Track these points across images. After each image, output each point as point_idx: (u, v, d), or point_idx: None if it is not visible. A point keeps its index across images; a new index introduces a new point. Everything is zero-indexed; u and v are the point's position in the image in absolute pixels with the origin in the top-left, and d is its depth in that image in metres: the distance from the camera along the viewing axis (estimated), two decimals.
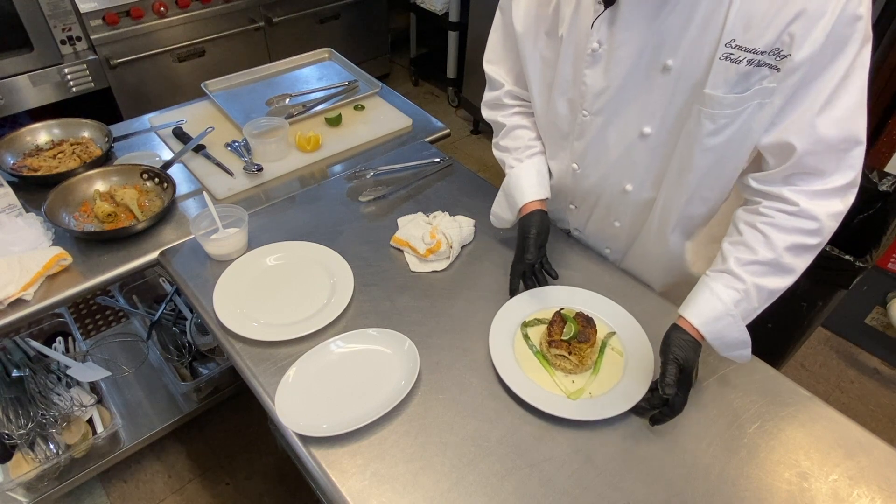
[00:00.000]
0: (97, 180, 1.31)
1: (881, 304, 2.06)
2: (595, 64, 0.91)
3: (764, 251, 0.87)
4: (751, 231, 0.89)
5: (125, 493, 1.70)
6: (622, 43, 0.87)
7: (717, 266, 0.92)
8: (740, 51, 0.78)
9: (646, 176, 1.00)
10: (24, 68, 2.04)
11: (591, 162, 1.04)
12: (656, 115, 0.91)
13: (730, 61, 0.80)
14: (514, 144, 1.14)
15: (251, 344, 1.01)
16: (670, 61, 0.84)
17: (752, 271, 0.88)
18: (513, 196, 1.12)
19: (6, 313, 1.07)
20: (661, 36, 0.83)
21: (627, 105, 0.93)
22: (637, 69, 0.88)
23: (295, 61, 1.82)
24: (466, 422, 0.90)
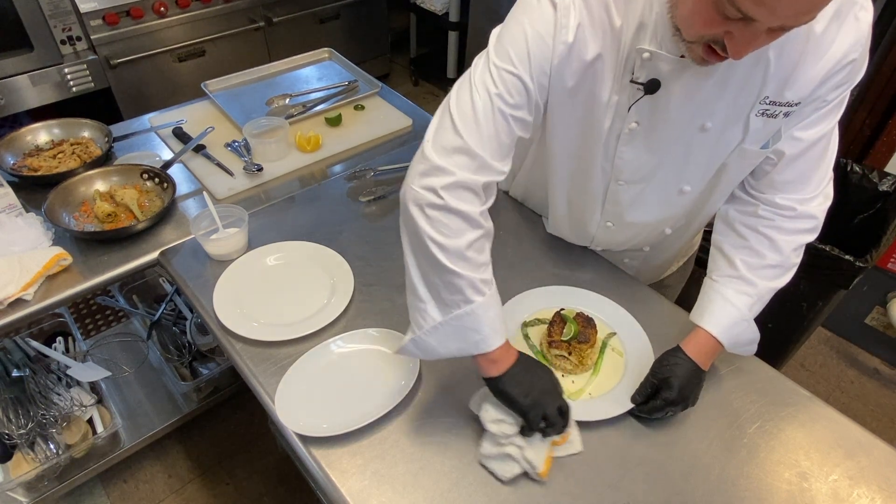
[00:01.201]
0: (97, 180, 1.30)
1: (881, 304, 2.06)
2: (632, 141, 0.89)
3: (772, 255, 0.90)
4: (755, 235, 0.92)
5: (125, 493, 1.70)
6: (662, 121, 0.85)
7: (722, 270, 0.94)
8: (776, 106, 0.81)
9: (683, 219, 1.04)
10: (24, 68, 2.04)
11: (627, 222, 1.04)
12: (696, 174, 0.92)
13: (766, 116, 0.82)
14: (478, 260, 0.80)
15: (251, 344, 1.01)
16: (709, 123, 0.84)
17: (763, 275, 0.91)
18: (483, 334, 0.80)
19: (6, 313, 1.07)
20: (699, 104, 0.82)
21: (665, 170, 0.93)
22: (676, 139, 0.87)
23: (295, 61, 1.82)
24: (466, 422, 0.90)
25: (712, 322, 0.90)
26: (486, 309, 0.79)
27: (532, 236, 1.24)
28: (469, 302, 0.78)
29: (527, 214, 1.30)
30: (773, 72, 0.77)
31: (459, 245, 0.77)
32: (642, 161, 0.92)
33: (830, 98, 0.82)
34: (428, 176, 0.78)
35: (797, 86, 0.79)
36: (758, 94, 0.80)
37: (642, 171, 0.93)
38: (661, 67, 0.79)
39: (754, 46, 0.65)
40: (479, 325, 0.79)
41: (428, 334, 0.82)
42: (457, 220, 0.78)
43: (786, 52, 0.76)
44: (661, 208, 1.00)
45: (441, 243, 0.77)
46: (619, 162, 0.93)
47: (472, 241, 0.79)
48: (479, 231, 0.80)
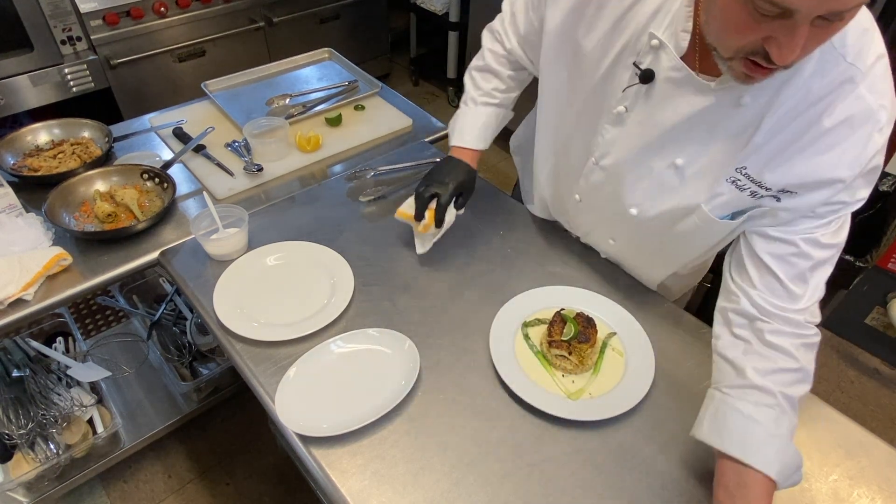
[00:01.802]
0: (97, 180, 1.30)
1: (881, 304, 2.06)
2: (617, 124, 0.89)
3: (784, 361, 0.79)
4: (757, 342, 0.81)
5: (125, 493, 1.70)
6: (645, 120, 0.85)
7: (730, 381, 0.82)
8: (748, 180, 0.79)
9: (635, 240, 1.04)
10: (24, 68, 2.04)
11: (591, 203, 1.05)
12: (648, 201, 0.92)
13: (735, 186, 0.80)
14: (482, 85, 1.15)
15: (251, 344, 1.01)
16: (680, 161, 0.83)
17: (778, 381, 0.78)
18: (453, 132, 1.17)
19: (6, 313, 1.07)
20: (683, 134, 0.81)
21: (628, 179, 0.92)
22: (648, 151, 0.87)
23: (295, 61, 1.82)
24: (466, 422, 0.90)
25: (737, 447, 0.76)
26: (463, 115, 1.16)
27: (532, 236, 1.24)
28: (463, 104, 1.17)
29: (527, 215, 1.31)
30: (760, 143, 0.75)
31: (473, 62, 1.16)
32: (616, 148, 0.91)
33: (821, 212, 0.77)
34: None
35: (779, 172, 0.75)
36: (736, 160, 0.78)
37: (611, 158, 0.93)
38: (662, 62, 0.78)
39: (801, 47, 0.58)
40: (453, 123, 1.18)
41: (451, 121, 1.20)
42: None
43: (781, 130, 0.73)
44: (613, 212, 0.99)
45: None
46: (599, 140, 0.93)
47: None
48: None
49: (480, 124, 1.15)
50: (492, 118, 1.16)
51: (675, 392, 0.95)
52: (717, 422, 0.80)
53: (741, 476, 0.75)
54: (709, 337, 1.04)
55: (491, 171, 2.91)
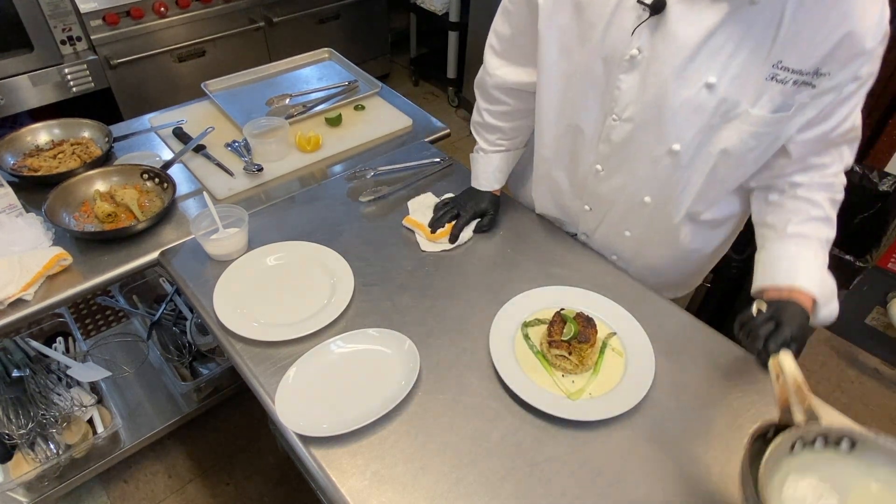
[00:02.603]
0: (97, 180, 1.31)
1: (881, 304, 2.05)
2: (632, 70, 0.88)
3: (816, 211, 0.94)
4: (791, 202, 0.95)
5: (125, 493, 1.70)
6: (664, 54, 0.83)
7: (772, 240, 0.96)
8: (787, 72, 0.79)
9: (667, 190, 1.00)
10: (24, 68, 2.05)
11: (615, 166, 1.02)
12: (690, 132, 0.89)
13: (776, 82, 0.80)
14: (487, 137, 1.22)
15: (251, 344, 1.01)
16: (713, 79, 0.82)
17: (814, 228, 0.94)
18: (473, 174, 1.27)
19: (6, 313, 1.07)
20: (708, 53, 0.81)
21: (661, 117, 0.89)
22: (677, 82, 0.85)
23: (295, 61, 1.83)
24: (466, 422, 0.90)
25: (797, 277, 0.91)
26: (476, 162, 1.26)
27: (532, 236, 1.24)
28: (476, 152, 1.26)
29: (527, 215, 1.31)
30: (789, 32, 0.76)
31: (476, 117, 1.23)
32: (636, 95, 0.89)
33: (848, 92, 0.82)
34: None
35: (813, 51, 0.77)
36: (768, 55, 0.79)
37: (637, 106, 0.90)
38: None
39: None
40: (472, 165, 1.28)
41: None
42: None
43: (807, 11, 0.75)
44: (649, 164, 0.96)
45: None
46: (616, 93, 0.91)
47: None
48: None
49: (493, 169, 1.24)
50: (503, 162, 1.24)
51: (675, 392, 0.95)
52: (766, 268, 0.95)
53: (789, 295, 0.90)
54: (709, 337, 1.05)
55: None
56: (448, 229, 1.21)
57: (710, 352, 1.02)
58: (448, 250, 1.20)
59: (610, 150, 1.00)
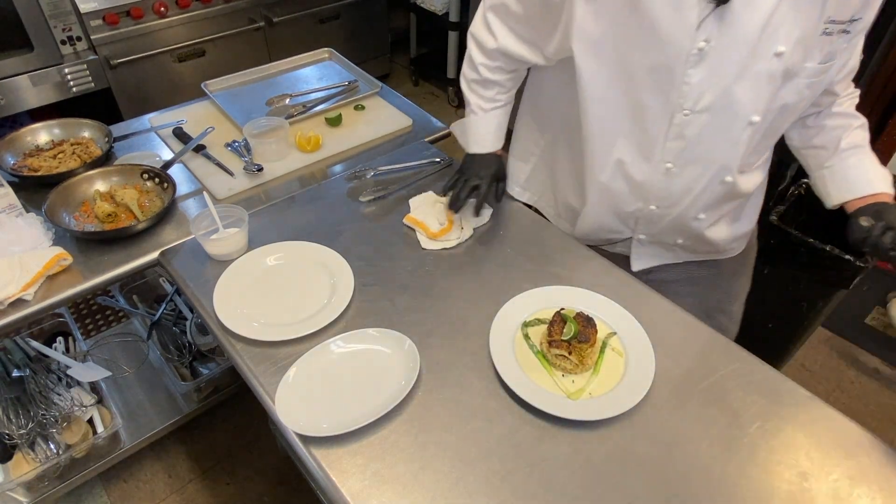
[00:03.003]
0: (97, 180, 1.31)
1: (881, 304, 2.06)
2: (701, 62, 0.87)
3: (855, 121, 1.06)
4: (831, 119, 1.06)
5: (125, 493, 1.70)
6: (734, 39, 0.84)
7: (827, 156, 1.07)
8: (834, 24, 0.84)
9: (746, 160, 1.01)
10: (24, 68, 2.05)
11: (691, 159, 1.00)
12: (763, 101, 0.91)
13: (825, 35, 0.85)
14: (483, 93, 1.18)
15: (251, 344, 1.01)
16: (782, 48, 0.84)
17: (860, 135, 1.07)
18: (468, 141, 1.23)
19: (6, 313, 1.07)
20: (773, 26, 0.82)
21: (735, 98, 0.90)
22: (751, 62, 0.86)
23: (295, 61, 1.83)
24: (466, 422, 0.90)
25: (873, 182, 1.03)
26: (475, 124, 1.20)
27: (532, 236, 1.24)
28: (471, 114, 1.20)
29: (527, 215, 1.31)
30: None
31: (466, 71, 1.18)
32: (709, 85, 0.89)
33: (868, 22, 0.87)
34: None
35: (851, 1, 0.82)
36: (824, 15, 0.82)
37: (711, 95, 0.90)
38: None
39: None
40: (465, 132, 1.23)
41: (455, 125, 1.26)
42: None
43: None
44: (728, 143, 0.96)
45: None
46: (685, 88, 0.90)
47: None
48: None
49: (494, 128, 1.21)
50: (502, 118, 1.21)
51: (675, 392, 0.95)
52: (839, 183, 1.06)
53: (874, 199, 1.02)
54: (709, 337, 1.05)
55: None
56: (449, 227, 1.21)
57: (710, 351, 1.02)
58: (449, 249, 1.20)
59: (683, 144, 0.98)
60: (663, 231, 1.15)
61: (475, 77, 1.16)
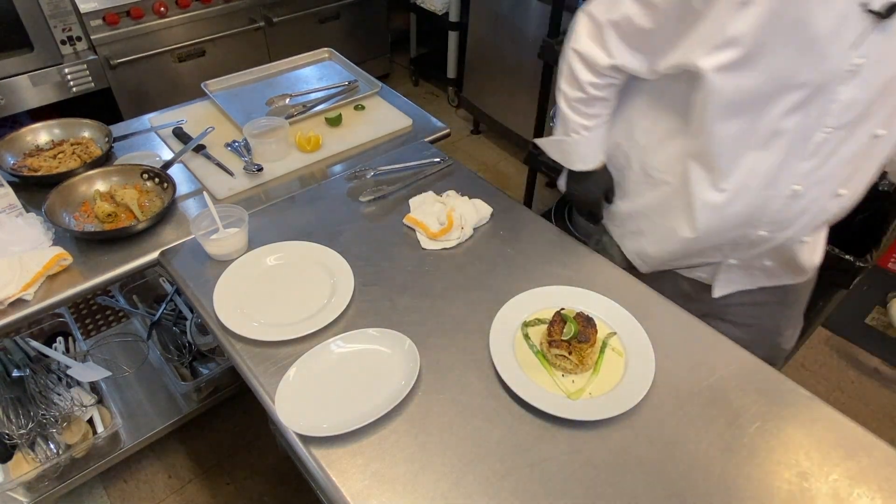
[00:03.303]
0: (97, 180, 1.31)
1: (881, 304, 2.05)
2: (853, 78, 0.84)
3: None
4: None
5: (125, 493, 1.70)
6: (890, 53, 0.81)
7: None
8: None
9: (863, 175, 0.98)
10: (24, 68, 2.05)
11: (818, 179, 0.95)
12: (893, 115, 0.89)
13: None
14: (587, 111, 1.10)
15: (251, 344, 1.01)
16: None
17: None
18: (574, 160, 1.18)
19: (6, 313, 1.07)
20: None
21: (872, 112, 0.87)
22: (893, 74, 0.84)
23: (295, 61, 1.83)
24: (466, 422, 0.90)
25: None
26: (579, 144, 1.15)
27: (532, 236, 1.24)
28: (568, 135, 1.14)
29: (527, 215, 1.31)
30: None
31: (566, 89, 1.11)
32: (857, 101, 0.86)
33: None
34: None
35: None
36: None
37: (854, 110, 0.87)
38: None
39: None
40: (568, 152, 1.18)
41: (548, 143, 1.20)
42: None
43: None
44: (852, 158, 0.92)
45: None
46: (833, 106, 0.86)
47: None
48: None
49: (597, 144, 1.16)
50: (605, 131, 1.15)
51: (675, 392, 0.95)
52: None
53: None
54: (709, 337, 1.05)
55: (491, 171, 2.91)
56: (449, 227, 1.21)
57: (710, 351, 1.02)
58: (449, 249, 1.20)
59: (816, 164, 0.93)
60: (759, 255, 1.10)
61: (580, 96, 1.09)
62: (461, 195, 1.30)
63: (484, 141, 3.20)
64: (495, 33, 2.67)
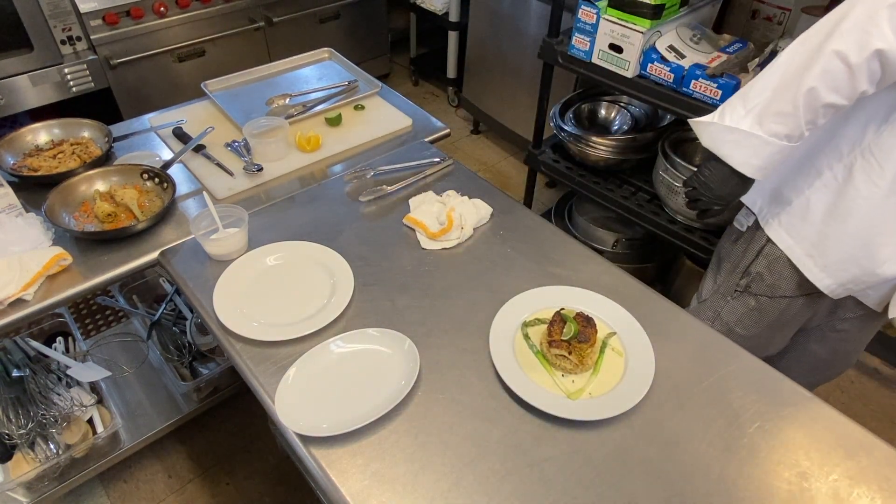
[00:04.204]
0: (97, 180, 1.31)
1: None
2: None
3: None
4: None
5: (125, 493, 1.70)
6: None
7: None
8: None
9: None
10: (24, 68, 2.04)
11: None
12: None
13: None
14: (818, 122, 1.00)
15: (251, 344, 1.01)
16: None
17: None
18: (736, 153, 1.03)
19: (6, 313, 1.07)
20: None
21: None
22: None
23: (295, 61, 1.82)
24: (466, 422, 0.90)
25: None
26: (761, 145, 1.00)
27: (532, 236, 1.24)
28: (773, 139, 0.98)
29: (527, 215, 1.31)
30: None
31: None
32: None
33: None
34: None
35: None
36: None
37: None
38: None
39: None
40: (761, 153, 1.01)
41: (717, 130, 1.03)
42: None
43: None
44: None
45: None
46: None
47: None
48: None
49: (777, 160, 1.03)
50: (787, 156, 1.04)
51: (675, 392, 0.95)
52: None
53: None
54: (709, 337, 1.05)
55: (491, 172, 2.91)
56: (449, 227, 1.20)
57: (710, 351, 1.02)
58: (449, 248, 1.20)
59: None
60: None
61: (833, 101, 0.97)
62: (461, 195, 1.30)
63: (484, 141, 3.20)
64: (495, 33, 2.67)
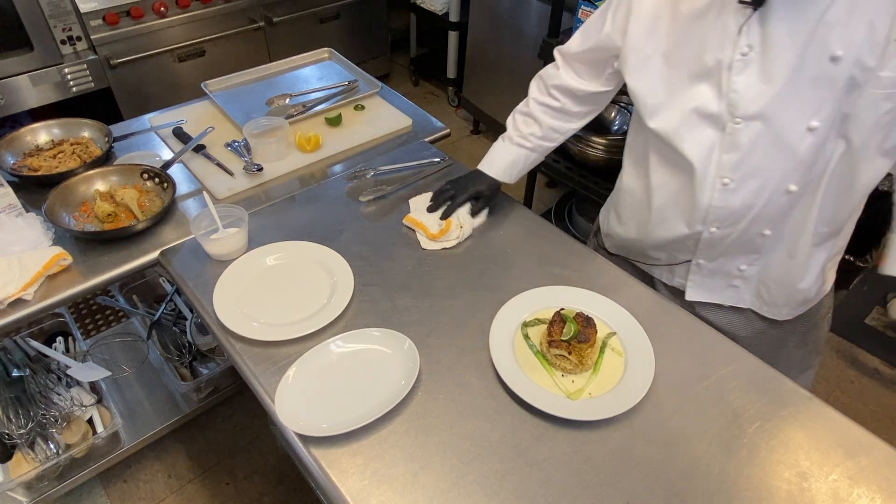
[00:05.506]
0: (97, 180, 1.31)
1: (881, 304, 2.06)
2: (746, 68, 0.86)
3: None
4: None
5: (125, 493, 1.70)
6: (778, 41, 0.82)
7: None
8: None
9: (811, 172, 0.95)
10: (24, 68, 2.05)
11: (748, 171, 0.95)
12: (824, 107, 0.87)
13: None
14: (521, 127, 1.22)
15: (251, 344, 1.01)
16: (839, 51, 0.81)
17: None
18: (486, 158, 1.27)
19: (6, 313, 1.07)
20: (826, 27, 0.80)
21: (791, 102, 0.87)
22: (801, 65, 0.83)
23: (295, 61, 1.83)
24: (466, 422, 0.90)
25: None
26: (498, 149, 1.26)
27: (532, 236, 1.24)
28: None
29: (527, 215, 1.31)
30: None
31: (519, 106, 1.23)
32: (758, 91, 0.87)
33: None
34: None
35: None
36: (894, 17, 0.76)
37: (763, 99, 0.87)
38: None
39: None
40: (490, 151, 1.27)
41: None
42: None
43: None
44: (786, 151, 0.91)
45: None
46: (733, 96, 0.88)
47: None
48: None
49: (509, 161, 1.24)
50: (521, 159, 1.24)
51: (675, 392, 0.95)
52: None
53: None
54: (709, 337, 1.05)
55: None
56: (448, 227, 1.21)
57: (710, 351, 1.02)
58: (449, 248, 1.20)
59: (739, 156, 0.94)
60: (726, 252, 1.08)
61: (524, 109, 1.22)
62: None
63: (484, 141, 3.20)
64: (495, 33, 2.67)
